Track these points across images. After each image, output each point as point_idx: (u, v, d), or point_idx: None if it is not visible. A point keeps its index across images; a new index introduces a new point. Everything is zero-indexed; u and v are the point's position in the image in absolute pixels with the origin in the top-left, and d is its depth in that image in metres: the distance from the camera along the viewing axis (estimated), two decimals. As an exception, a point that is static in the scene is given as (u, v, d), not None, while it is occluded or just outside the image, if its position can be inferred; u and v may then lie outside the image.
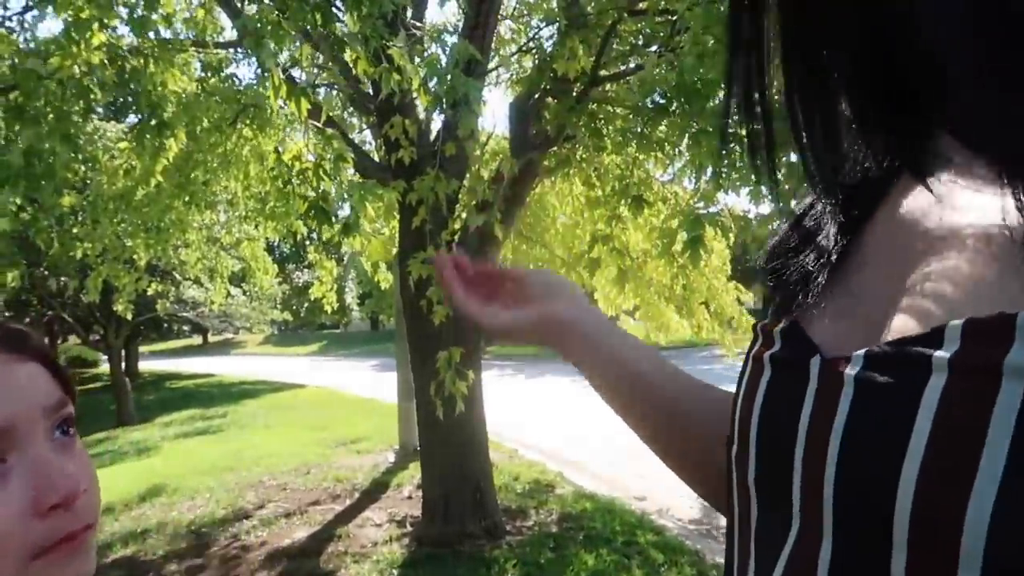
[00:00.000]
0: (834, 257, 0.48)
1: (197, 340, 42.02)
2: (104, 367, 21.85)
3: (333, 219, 2.93)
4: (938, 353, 0.35)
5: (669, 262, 5.29)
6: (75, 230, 7.49)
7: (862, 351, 0.39)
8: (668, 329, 6.80)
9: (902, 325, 0.39)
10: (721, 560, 4.92)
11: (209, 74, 4.31)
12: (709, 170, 3.25)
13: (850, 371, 0.40)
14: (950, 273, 0.38)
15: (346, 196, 2.91)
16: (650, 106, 4.02)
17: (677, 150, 4.74)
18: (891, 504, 0.35)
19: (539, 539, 5.04)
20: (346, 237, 2.86)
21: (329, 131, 2.93)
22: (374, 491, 6.59)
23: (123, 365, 17.65)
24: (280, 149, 3.36)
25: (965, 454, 0.33)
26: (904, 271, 0.41)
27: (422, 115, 4.38)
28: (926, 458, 0.34)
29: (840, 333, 0.44)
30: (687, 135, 3.63)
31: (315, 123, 2.95)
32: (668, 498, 6.49)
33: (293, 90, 2.55)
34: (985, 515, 0.31)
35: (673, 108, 3.76)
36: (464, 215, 4.15)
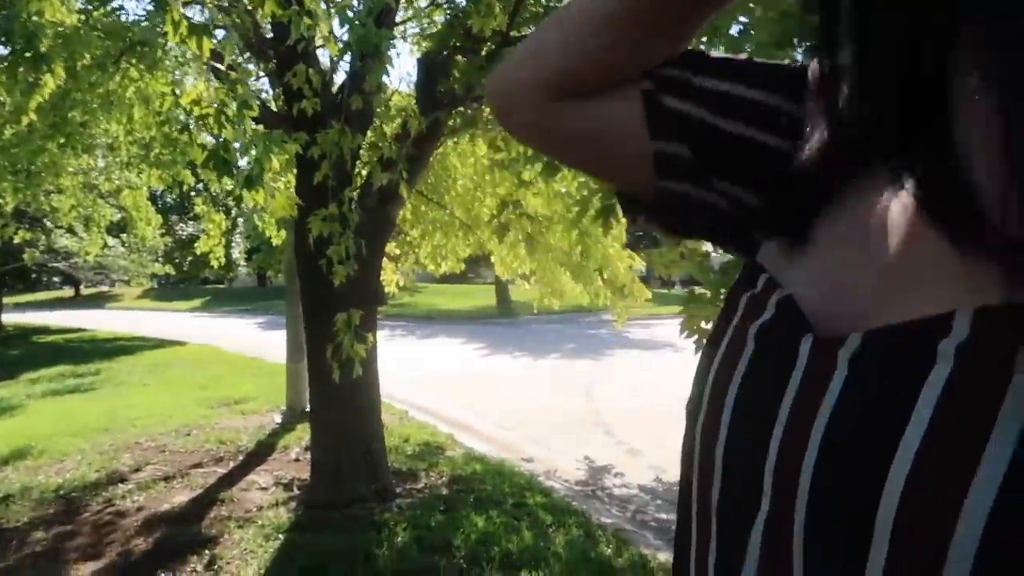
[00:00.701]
0: (829, 221, 0.44)
1: (68, 292, 39.85)
2: (-38, 318, 20.43)
3: (234, 170, 2.78)
4: (944, 341, 0.33)
5: (569, 228, 5.31)
6: (-69, 169, 6.86)
7: (859, 333, 0.37)
8: (562, 295, 6.89)
9: (906, 308, 0.36)
10: (606, 520, 5.08)
11: (94, 6, 3.97)
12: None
13: (844, 353, 0.37)
14: (958, 258, 0.36)
15: (252, 147, 2.74)
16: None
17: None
18: (876, 494, 0.33)
19: (430, 501, 5.04)
20: (248, 190, 2.71)
21: (234, 75, 2.76)
22: (260, 453, 6.42)
23: (-16, 316, 16.54)
24: (178, 92, 3.14)
25: (966, 449, 0.31)
26: (914, 248, 0.39)
27: (326, 65, 4.22)
28: (922, 450, 0.32)
29: (835, 312, 0.41)
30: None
31: (217, 64, 2.77)
32: (555, 460, 6.63)
33: (195, 28, 2.37)
34: (981, 514, 0.30)
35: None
36: (366, 172, 4.04)
